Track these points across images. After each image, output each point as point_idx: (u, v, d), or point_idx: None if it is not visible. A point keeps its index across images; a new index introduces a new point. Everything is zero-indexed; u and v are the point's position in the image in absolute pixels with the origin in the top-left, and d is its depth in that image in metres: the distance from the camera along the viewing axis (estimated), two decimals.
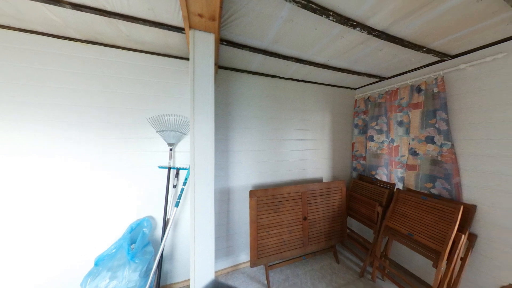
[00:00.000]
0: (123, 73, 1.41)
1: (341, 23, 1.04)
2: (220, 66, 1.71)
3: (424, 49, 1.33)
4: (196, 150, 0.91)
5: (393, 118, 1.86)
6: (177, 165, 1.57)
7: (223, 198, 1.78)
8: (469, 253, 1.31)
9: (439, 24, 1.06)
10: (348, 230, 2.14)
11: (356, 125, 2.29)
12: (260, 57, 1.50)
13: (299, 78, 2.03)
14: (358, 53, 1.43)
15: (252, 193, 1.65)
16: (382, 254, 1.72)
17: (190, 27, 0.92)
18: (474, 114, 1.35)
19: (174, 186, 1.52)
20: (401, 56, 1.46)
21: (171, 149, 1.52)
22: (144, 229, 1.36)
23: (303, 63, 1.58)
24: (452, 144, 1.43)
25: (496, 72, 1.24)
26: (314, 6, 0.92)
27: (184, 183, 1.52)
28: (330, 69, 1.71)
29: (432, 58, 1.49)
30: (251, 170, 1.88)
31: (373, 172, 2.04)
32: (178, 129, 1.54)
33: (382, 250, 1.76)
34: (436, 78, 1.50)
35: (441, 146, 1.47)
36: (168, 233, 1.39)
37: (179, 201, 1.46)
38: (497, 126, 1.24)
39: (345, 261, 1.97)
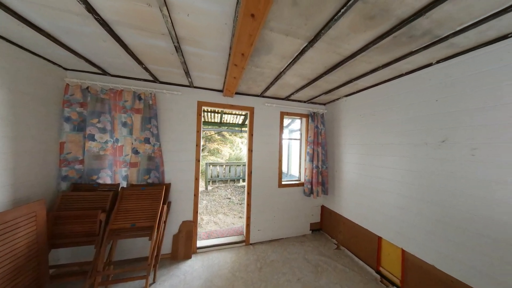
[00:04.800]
0: None
1: None
2: None
3: (143, 66, 1.62)
4: None
5: (118, 118, 1.86)
6: None
7: None
8: (168, 215, 2.00)
9: (147, 51, 1.38)
10: (52, 270, 1.47)
11: (69, 119, 1.71)
12: None
13: None
14: (73, 24, 1.08)
15: None
16: (107, 262, 1.60)
17: None
18: (171, 124, 2.10)
19: None
20: (125, 60, 1.54)
21: None
22: None
23: None
24: (160, 144, 2.01)
25: (178, 102, 2.13)
26: None
27: None
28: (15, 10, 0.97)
29: (149, 76, 1.90)
30: None
31: (95, 177, 1.76)
32: None
33: (106, 258, 1.62)
34: (151, 93, 1.95)
35: (154, 145, 1.96)
36: None
37: None
38: (178, 133, 2.13)
39: None
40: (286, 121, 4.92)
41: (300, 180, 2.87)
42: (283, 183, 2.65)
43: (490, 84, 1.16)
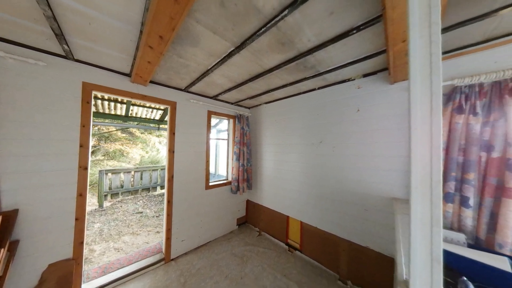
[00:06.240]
0: None
1: None
2: None
3: None
4: None
5: None
6: None
7: None
8: (11, 264, 1.18)
9: None
10: None
11: None
12: None
13: None
14: None
15: None
16: None
17: None
18: (17, 111, 1.26)
19: None
20: None
21: None
22: None
23: None
24: None
25: (38, 76, 1.34)
26: None
27: None
28: None
29: None
30: None
31: None
32: None
33: None
34: None
35: None
36: None
37: None
38: (39, 126, 1.34)
39: None
40: (214, 121, 4.83)
41: (227, 179, 2.94)
42: (210, 184, 2.56)
43: (304, 108, 1.90)
